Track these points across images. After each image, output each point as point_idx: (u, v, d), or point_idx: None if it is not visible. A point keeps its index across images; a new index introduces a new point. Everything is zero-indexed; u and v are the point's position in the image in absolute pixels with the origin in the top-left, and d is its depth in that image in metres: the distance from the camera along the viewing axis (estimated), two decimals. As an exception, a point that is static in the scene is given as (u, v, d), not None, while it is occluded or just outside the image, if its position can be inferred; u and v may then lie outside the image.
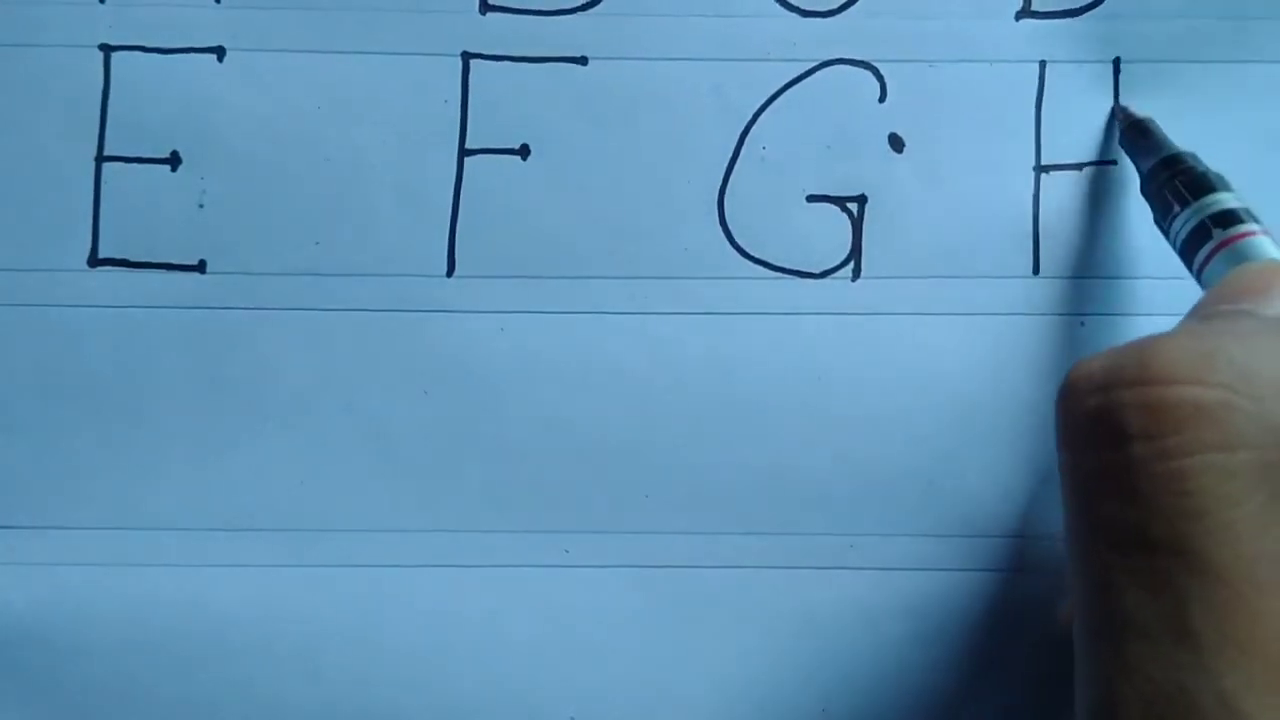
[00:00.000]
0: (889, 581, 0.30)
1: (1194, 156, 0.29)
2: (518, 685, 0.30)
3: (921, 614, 0.30)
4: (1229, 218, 0.27)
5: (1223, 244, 0.27)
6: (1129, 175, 0.31)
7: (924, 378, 0.31)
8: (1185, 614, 0.20)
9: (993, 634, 0.30)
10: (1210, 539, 0.20)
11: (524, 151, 0.31)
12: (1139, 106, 0.31)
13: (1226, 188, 0.28)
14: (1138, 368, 0.22)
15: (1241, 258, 0.26)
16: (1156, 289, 0.30)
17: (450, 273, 0.31)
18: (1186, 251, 0.28)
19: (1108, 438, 0.21)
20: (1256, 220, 0.27)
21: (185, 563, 0.30)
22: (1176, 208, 0.28)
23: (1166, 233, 0.29)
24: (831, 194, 0.31)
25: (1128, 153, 0.31)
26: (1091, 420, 0.22)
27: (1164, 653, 0.20)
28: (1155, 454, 0.21)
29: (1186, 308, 0.28)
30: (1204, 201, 0.28)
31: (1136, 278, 0.31)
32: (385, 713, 0.30)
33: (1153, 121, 0.30)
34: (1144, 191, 0.30)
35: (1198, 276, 0.27)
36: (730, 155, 0.31)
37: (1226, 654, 0.20)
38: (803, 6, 0.31)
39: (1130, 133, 0.30)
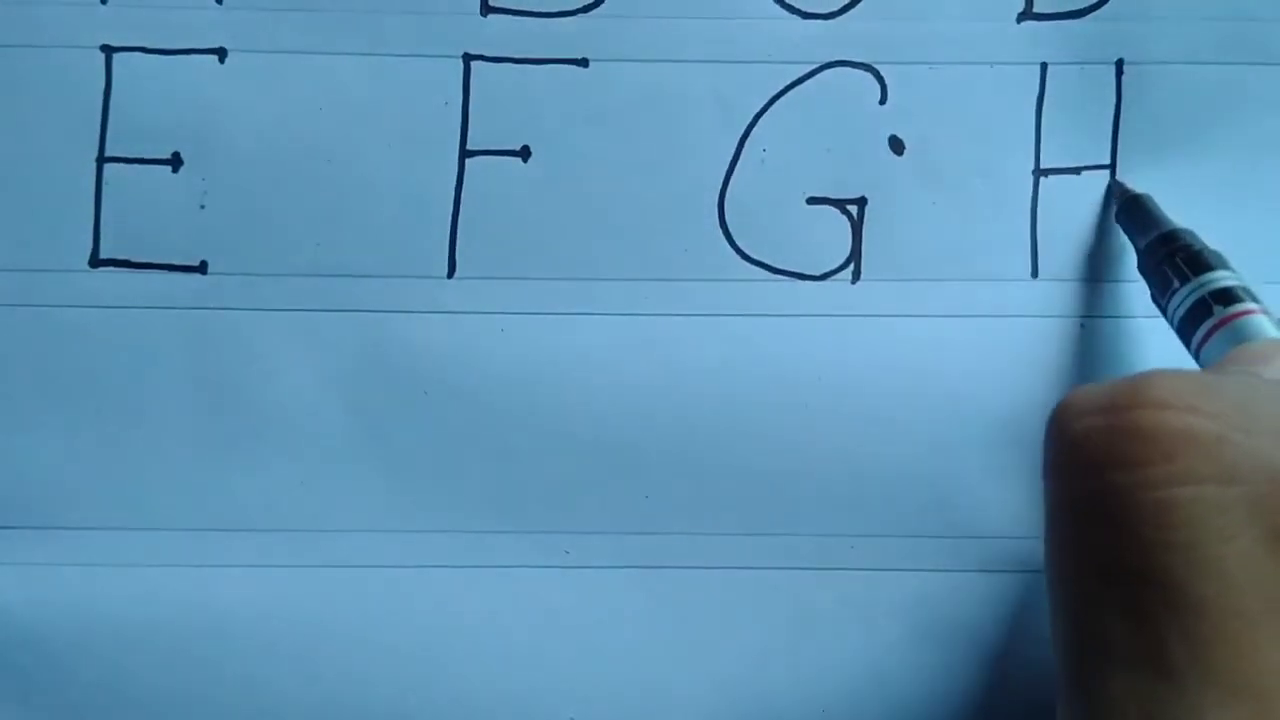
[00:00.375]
0: (889, 581, 0.30)
1: (1191, 234, 0.29)
2: (518, 685, 0.30)
3: (921, 614, 0.30)
4: (1229, 295, 0.27)
5: (1223, 321, 0.27)
6: (1127, 178, 0.31)
7: (923, 379, 0.31)
8: (1167, 648, 0.20)
9: (992, 634, 0.30)
10: (1195, 572, 0.20)
11: (525, 153, 0.31)
12: (1135, 182, 0.31)
13: (1225, 266, 0.28)
14: (1132, 394, 0.21)
15: (1241, 336, 0.26)
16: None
17: (451, 274, 0.31)
18: (1185, 328, 0.28)
19: (1098, 462, 0.21)
20: (1255, 299, 0.27)
21: (185, 563, 0.30)
22: (1176, 283, 0.28)
23: (1164, 309, 0.29)
24: (831, 196, 0.31)
25: (1124, 228, 0.31)
26: (1083, 444, 0.21)
27: (1145, 687, 0.20)
28: (1146, 481, 0.21)
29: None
30: (1204, 278, 0.28)
31: (1134, 281, 0.30)
32: (385, 713, 0.30)
33: (1149, 198, 0.30)
34: (1140, 268, 0.30)
35: (1196, 354, 0.27)
36: (730, 157, 0.31)
37: (1210, 690, 0.20)
38: (803, 8, 0.31)
39: (1127, 208, 0.30)
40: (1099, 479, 0.21)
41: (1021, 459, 0.30)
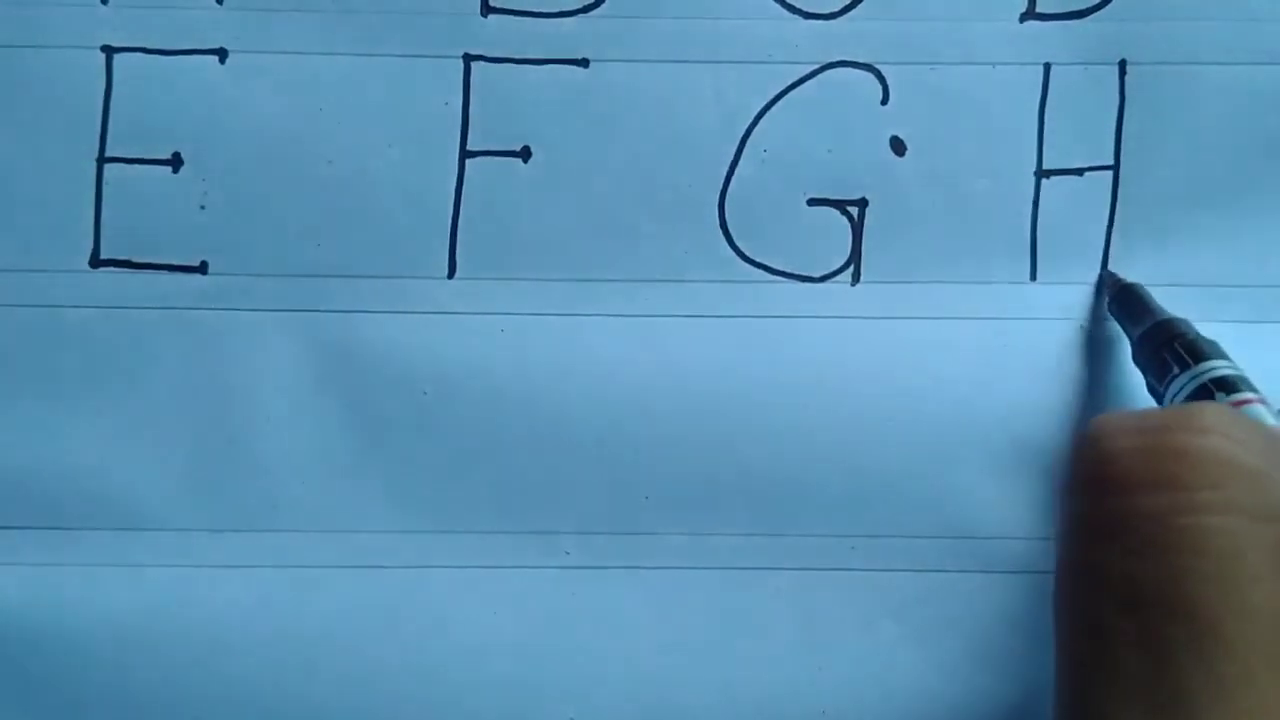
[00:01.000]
0: (889, 582, 0.30)
1: (1186, 322, 0.29)
2: (517, 685, 0.30)
3: (921, 615, 0.30)
4: (1229, 384, 0.27)
5: None
6: (1129, 179, 0.31)
7: (923, 381, 0.31)
8: (1188, 686, 0.19)
9: (992, 636, 0.30)
10: (1226, 608, 0.19)
11: (525, 153, 0.31)
12: (1124, 273, 0.31)
13: (1223, 355, 0.28)
14: (1175, 417, 0.21)
15: None
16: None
17: (451, 274, 0.31)
18: None
19: (1133, 482, 0.20)
20: (1254, 389, 0.27)
21: (185, 563, 0.30)
22: (1175, 369, 0.28)
23: (1160, 397, 0.28)
24: (832, 197, 0.31)
25: (1117, 319, 0.30)
26: (1118, 461, 0.21)
27: None
28: (1184, 506, 0.20)
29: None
30: (1204, 366, 0.27)
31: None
32: (384, 713, 0.30)
33: (1143, 287, 0.30)
34: (1135, 357, 0.30)
35: None
36: (731, 158, 0.31)
37: None
38: (804, 8, 0.31)
39: (1120, 298, 0.30)
40: (1131, 499, 0.20)
41: (1021, 460, 0.30)
